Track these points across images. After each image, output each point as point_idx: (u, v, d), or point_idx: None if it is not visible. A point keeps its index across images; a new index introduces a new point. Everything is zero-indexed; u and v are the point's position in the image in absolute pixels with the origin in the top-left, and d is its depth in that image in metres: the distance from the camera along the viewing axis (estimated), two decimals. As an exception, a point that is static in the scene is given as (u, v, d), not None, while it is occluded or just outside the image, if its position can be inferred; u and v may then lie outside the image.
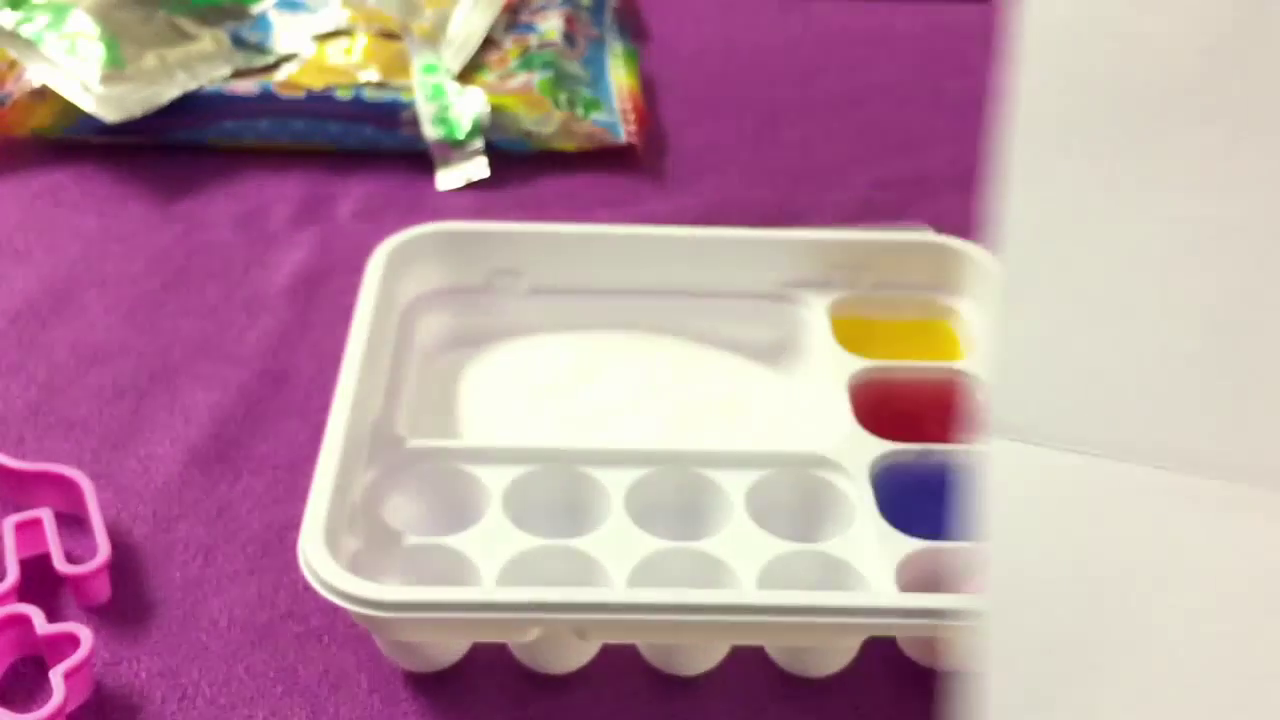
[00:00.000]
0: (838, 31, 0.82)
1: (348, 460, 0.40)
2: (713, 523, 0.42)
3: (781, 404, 0.48)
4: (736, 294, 0.51)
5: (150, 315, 0.54)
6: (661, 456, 0.43)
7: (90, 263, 0.57)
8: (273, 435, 0.48)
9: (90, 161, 0.64)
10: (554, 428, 0.46)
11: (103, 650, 0.40)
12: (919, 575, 0.40)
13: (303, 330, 0.54)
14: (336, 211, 0.62)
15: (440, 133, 0.64)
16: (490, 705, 0.39)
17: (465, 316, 0.50)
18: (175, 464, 0.47)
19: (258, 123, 0.64)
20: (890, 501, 0.42)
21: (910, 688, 0.40)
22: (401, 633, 0.38)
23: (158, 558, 0.43)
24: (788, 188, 0.66)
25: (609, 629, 0.38)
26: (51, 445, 0.47)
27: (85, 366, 0.51)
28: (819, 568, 0.40)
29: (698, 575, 0.40)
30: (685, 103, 0.74)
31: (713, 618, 0.36)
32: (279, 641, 0.41)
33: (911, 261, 0.50)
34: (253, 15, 0.72)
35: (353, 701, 0.39)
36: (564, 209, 0.63)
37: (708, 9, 0.85)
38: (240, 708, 0.39)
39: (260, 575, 0.43)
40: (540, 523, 0.41)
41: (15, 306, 0.54)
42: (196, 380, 0.51)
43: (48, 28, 0.65)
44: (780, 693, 0.40)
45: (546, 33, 0.73)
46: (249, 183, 0.63)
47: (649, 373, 0.49)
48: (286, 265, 0.58)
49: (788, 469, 0.43)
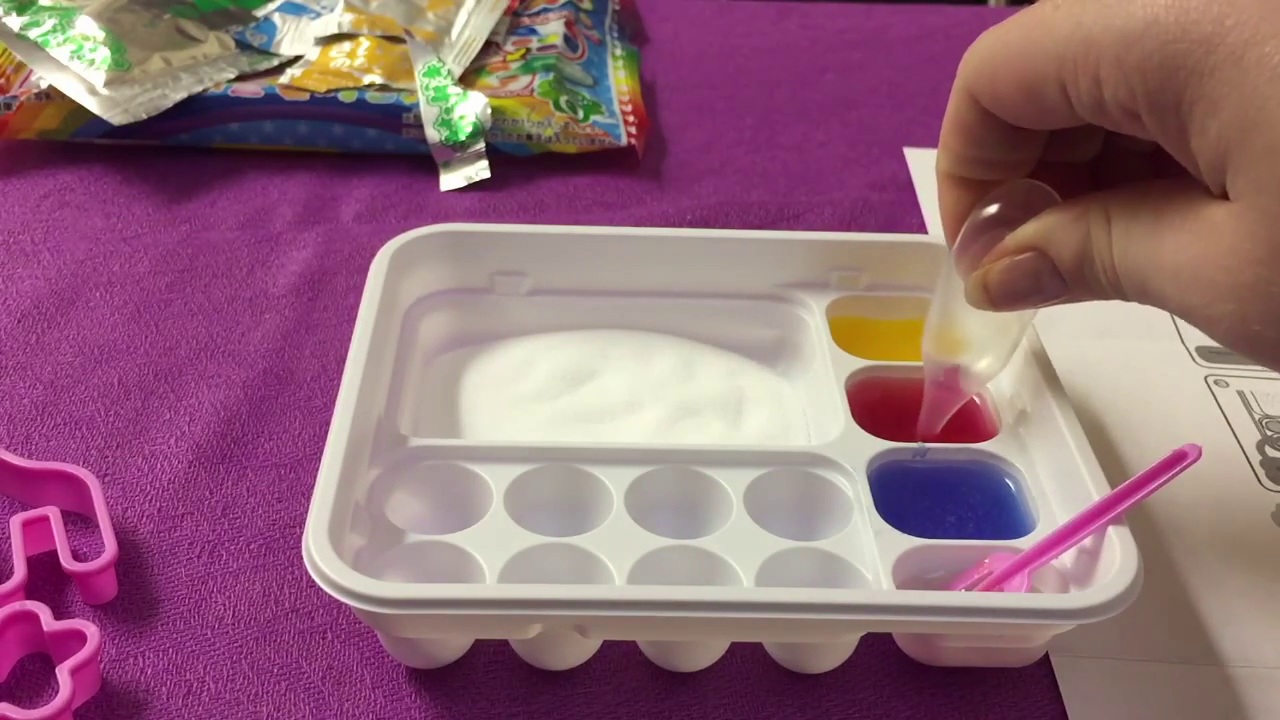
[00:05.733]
0: (835, 35, 0.83)
1: (351, 458, 0.40)
2: (712, 520, 0.42)
3: (780, 403, 0.48)
4: (735, 294, 0.51)
5: (156, 315, 0.55)
6: (661, 455, 0.43)
7: (96, 263, 0.58)
8: (277, 433, 0.49)
9: (96, 163, 0.64)
10: (555, 426, 0.46)
11: (109, 646, 0.40)
12: (915, 572, 0.40)
13: (307, 330, 0.54)
14: (340, 213, 0.62)
15: (442, 135, 0.65)
16: (492, 701, 0.40)
17: (467, 316, 0.51)
18: (181, 462, 0.47)
19: (262, 125, 0.65)
20: (887, 499, 0.42)
21: (907, 684, 0.41)
22: (404, 629, 0.38)
23: (163, 555, 0.44)
24: (786, 189, 0.66)
25: (609, 626, 0.38)
26: (58, 444, 0.48)
27: (91, 366, 0.52)
28: (817, 565, 0.41)
29: (697, 572, 0.40)
30: (685, 105, 0.74)
31: (712, 614, 0.36)
32: (283, 638, 0.41)
33: (908, 262, 0.51)
34: (257, 19, 0.73)
35: (356, 697, 0.40)
36: (565, 210, 0.63)
37: (707, 13, 0.86)
38: (244, 703, 0.39)
39: (265, 572, 0.43)
40: (541, 520, 0.41)
41: (22, 306, 0.55)
42: (202, 379, 0.51)
43: (54, 31, 0.65)
44: (778, 688, 0.40)
45: (548, 36, 0.74)
46: (253, 184, 0.64)
47: (649, 372, 0.49)
48: (291, 266, 0.58)
49: (786, 467, 0.43)
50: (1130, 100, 0.32)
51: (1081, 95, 0.33)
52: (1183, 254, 0.32)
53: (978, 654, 0.40)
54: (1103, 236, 0.35)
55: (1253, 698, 0.40)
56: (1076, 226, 0.36)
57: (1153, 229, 0.33)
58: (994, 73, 0.36)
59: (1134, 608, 0.37)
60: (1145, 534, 0.45)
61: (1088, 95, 0.33)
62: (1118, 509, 0.38)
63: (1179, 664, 0.41)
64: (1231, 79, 0.30)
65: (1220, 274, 0.31)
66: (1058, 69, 0.33)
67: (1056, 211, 0.37)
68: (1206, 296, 0.31)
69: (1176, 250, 0.32)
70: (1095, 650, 0.41)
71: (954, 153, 0.39)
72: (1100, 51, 0.32)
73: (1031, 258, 0.37)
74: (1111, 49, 0.32)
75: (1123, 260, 0.34)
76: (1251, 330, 0.31)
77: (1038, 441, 0.44)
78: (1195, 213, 0.32)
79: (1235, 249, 0.31)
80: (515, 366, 0.49)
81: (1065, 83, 0.33)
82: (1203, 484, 0.47)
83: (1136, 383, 0.53)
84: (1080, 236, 0.35)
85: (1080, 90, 0.33)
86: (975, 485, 0.44)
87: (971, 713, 0.40)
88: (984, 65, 0.36)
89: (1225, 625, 0.43)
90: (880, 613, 0.36)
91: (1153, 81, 0.31)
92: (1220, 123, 0.30)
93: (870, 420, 0.45)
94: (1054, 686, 0.41)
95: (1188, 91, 0.31)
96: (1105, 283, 0.35)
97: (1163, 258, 0.33)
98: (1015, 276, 0.38)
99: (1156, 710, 0.40)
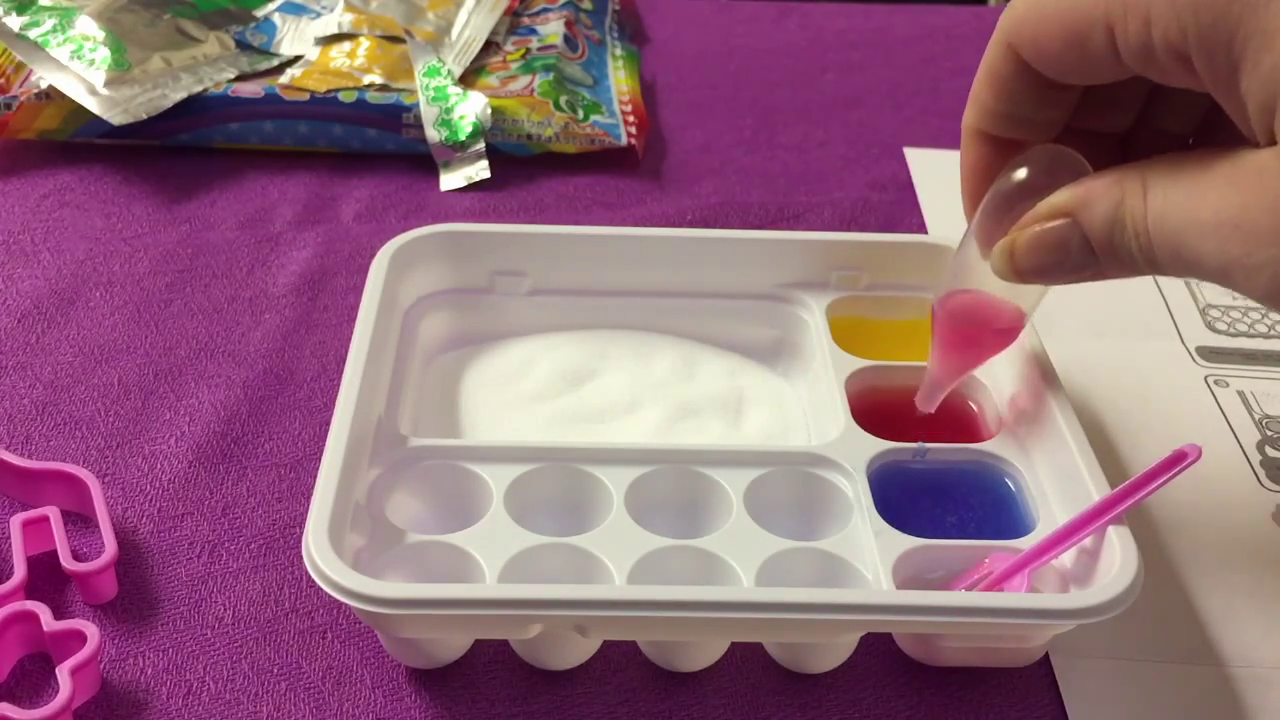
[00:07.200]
0: (835, 35, 0.83)
1: (351, 458, 0.40)
2: (712, 520, 0.42)
3: (780, 403, 0.48)
4: (735, 294, 0.51)
5: (156, 315, 0.55)
6: (661, 455, 0.43)
7: (96, 263, 0.58)
8: (277, 433, 0.49)
9: (96, 163, 0.64)
10: (555, 426, 0.46)
11: (109, 646, 0.40)
12: (915, 572, 0.40)
13: (307, 330, 0.54)
14: (340, 212, 0.62)
15: (442, 135, 0.65)
16: (492, 701, 0.40)
17: (467, 316, 0.51)
18: (181, 462, 0.47)
19: (262, 125, 0.65)
20: (887, 499, 0.42)
21: (907, 684, 0.41)
22: (404, 629, 0.38)
23: (163, 555, 0.44)
24: (786, 189, 0.66)
25: (609, 626, 0.38)
26: (58, 444, 0.48)
27: (91, 365, 0.52)
28: (817, 565, 0.41)
29: (697, 572, 0.40)
30: (685, 105, 0.74)
31: (712, 614, 0.36)
32: (283, 638, 0.41)
33: (908, 262, 0.51)
34: (257, 19, 0.73)
35: (356, 698, 0.40)
36: (565, 210, 0.63)
37: (707, 13, 0.86)
38: (244, 703, 0.39)
39: (264, 572, 0.43)
40: (541, 520, 0.41)
41: (22, 306, 0.55)
42: (202, 379, 0.51)
43: (54, 31, 0.65)
44: (778, 688, 0.40)
45: (547, 36, 0.74)
46: (253, 184, 0.64)
47: (649, 373, 0.49)
48: (291, 266, 0.58)
49: (786, 467, 0.43)
50: (1181, 40, 0.31)
51: (1130, 38, 0.32)
52: (1225, 205, 0.31)
53: (978, 654, 0.40)
54: (1138, 201, 0.34)
55: (1253, 698, 0.40)
56: (1111, 193, 0.34)
57: (1192, 189, 0.32)
58: (1038, 20, 0.35)
59: (1134, 608, 0.37)
60: (1145, 534, 0.45)
61: (1136, 38, 0.32)
62: (1118, 509, 0.38)
63: (1179, 664, 0.41)
64: None
65: (1265, 217, 0.30)
66: (1106, 10, 0.32)
67: (1090, 179, 0.36)
68: (1249, 245, 0.30)
69: (1219, 203, 0.31)
70: (1095, 650, 0.41)
71: (984, 107, 0.38)
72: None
73: (1063, 225, 0.36)
74: None
75: (1158, 224, 0.33)
76: None
77: (1038, 441, 0.44)
78: (1239, 165, 0.31)
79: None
80: (515, 366, 0.49)
81: (1114, 25, 0.32)
82: (1203, 484, 0.47)
83: (1136, 383, 0.53)
84: (1113, 202, 0.34)
85: (1129, 33, 0.32)
86: (975, 485, 0.44)
87: (971, 713, 0.40)
88: (1028, 13, 0.35)
89: (1225, 625, 0.43)
90: (880, 613, 0.36)
91: (1205, 17, 0.30)
92: (1275, 55, 0.29)
93: (870, 420, 0.45)
94: (1054, 686, 0.41)
95: (1242, 26, 0.30)
96: (1136, 250, 0.34)
97: (1203, 214, 0.32)
98: (1044, 245, 0.36)
99: (1156, 710, 0.40)
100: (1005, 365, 0.46)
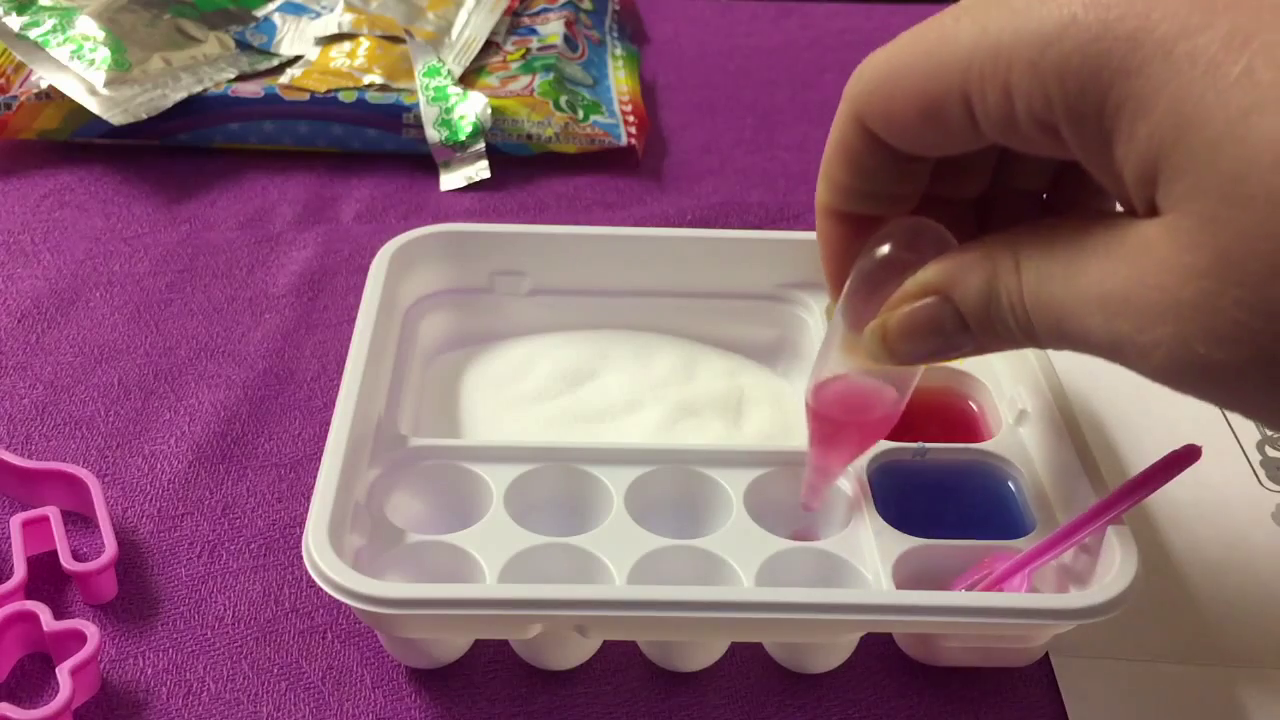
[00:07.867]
0: (835, 35, 0.83)
1: (351, 458, 0.40)
2: (712, 520, 0.42)
3: (780, 403, 0.48)
4: (736, 294, 0.51)
5: (156, 315, 0.55)
6: (661, 455, 0.43)
7: (96, 263, 0.58)
8: (277, 433, 0.49)
9: (96, 163, 0.64)
10: (555, 426, 0.46)
11: (109, 646, 0.41)
12: (915, 572, 0.40)
13: (307, 330, 0.54)
14: (340, 213, 0.62)
15: (442, 135, 0.65)
16: (492, 701, 0.40)
17: (467, 316, 0.51)
18: (181, 462, 0.47)
19: (262, 125, 0.65)
20: (887, 499, 0.42)
21: (907, 684, 0.41)
22: (404, 629, 0.38)
23: (163, 555, 0.44)
24: (786, 189, 0.66)
25: (609, 626, 0.38)
26: (58, 444, 0.48)
27: (92, 365, 0.52)
28: (817, 565, 0.41)
29: (697, 572, 0.40)
30: (685, 105, 0.74)
31: (712, 614, 0.36)
32: (283, 638, 0.41)
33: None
34: (257, 19, 0.73)
35: (356, 697, 0.40)
36: (565, 210, 0.63)
37: (707, 13, 0.86)
38: (244, 703, 0.39)
39: (265, 572, 0.43)
40: (541, 520, 0.41)
41: (22, 306, 0.55)
42: (202, 379, 0.51)
43: (54, 31, 0.65)
44: (778, 688, 0.40)
45: (547, 36, 0.74)
46: (253, 184, 0.64)
47: (649, 373, 0.49)
48: (291, 266, 0.58)
49: (786, 467, 0.43)
50: (1046, 110, 0.29)
51: (989, 109, 0.30)
52: (1109, 280, 0.29)
53: (978, 654, 0.40)
54: (1010, 275, 0.31)
55: (1253, 698, 0.40)
56: (982, 267, 0.32)
57: (1070, 261, 0.30)
58: (888, 93, 0.32)
59: (1134, 608, 0.37)
60: (1145, 534, 0.45)
61: (996, 109, 0.29)
62: (1118, 509, 0.38)
63: (1179, 664, 0.41)
64: (1162, 75, 0.27)
65: (1155, 294, 0.27)
66: (962, 82, 0.30)
67: (958, 254, 0.33)
68: (1139, 322, 0.28)
69: (1102, 277, 0.29)
70: (1095, 650, 0.41)
71: (836, 184, 0.36)
72: (1011, 58, 0.29)
73: (934, 303, 0.33)
74: (1024, 54, 0.28)
75: (1034, 297, 0.31)
76: (1195, 354, 0.27)
77: (1038, 441, 0.44)
78: (1120, 236, 0.29)
79: (1172, 264, 0.27)
80: (515, 366, 0.49)
81: (970, 97, 0.30)
82: (1203, 484, 0.47)
83: (1136, 383, 0.53)
84: (985, 277, 0.32)
85: (988, 104, 0.30)
86: (975, 485, 0.44)
87: (971, 713, 0.40)
88: (876, 86, 0.32)
89: (1225, 625, 0.43)
90: (880, 613, 0.36)
91: (1072, 85, 0.28)
92: (1151, 124, 0.27)
93: (870, 420, 0.45)
94: (1054, 686, 0.41)
95: (1113, 93, 0.27)
96: (1014, 324, 0.31)
97: (1085, 288, 0.29)
98: (917, 324, 0.34)
99: (1156, 710, 0.40)
100: (1005, 365, 0.46)
